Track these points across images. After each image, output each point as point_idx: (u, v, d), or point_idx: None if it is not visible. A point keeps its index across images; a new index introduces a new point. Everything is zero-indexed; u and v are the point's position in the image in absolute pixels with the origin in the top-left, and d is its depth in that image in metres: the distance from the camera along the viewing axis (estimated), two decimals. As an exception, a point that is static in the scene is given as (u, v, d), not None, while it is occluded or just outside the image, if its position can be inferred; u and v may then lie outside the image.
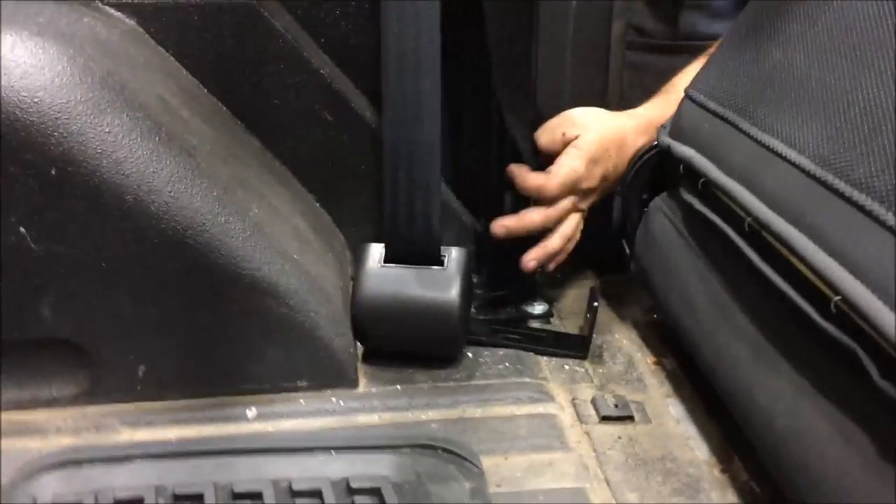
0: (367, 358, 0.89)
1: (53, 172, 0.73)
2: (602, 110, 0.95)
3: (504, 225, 0.92)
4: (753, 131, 0.72)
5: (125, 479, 0.69)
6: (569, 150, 0.91)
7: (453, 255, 0.87)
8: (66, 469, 0.70)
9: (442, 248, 0.87)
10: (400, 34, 0.84)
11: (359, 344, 0.89)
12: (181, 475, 0.69)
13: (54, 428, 0.77)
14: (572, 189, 0.91)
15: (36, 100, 0.72)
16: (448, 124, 0.95)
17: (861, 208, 0.57)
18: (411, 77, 0.84)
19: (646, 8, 1.02)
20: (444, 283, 0.85)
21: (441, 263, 0.86)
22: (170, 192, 0.75)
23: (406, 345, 0.88)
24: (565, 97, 0.96)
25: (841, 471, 0.55)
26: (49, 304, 0.76)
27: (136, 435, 0.77)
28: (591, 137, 0.91)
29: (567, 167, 0.90)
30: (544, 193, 0.90)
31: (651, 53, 1.04)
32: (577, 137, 0.91)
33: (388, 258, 0.87)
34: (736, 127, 0.75)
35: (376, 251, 0.88)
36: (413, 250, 0.87)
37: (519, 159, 0.94)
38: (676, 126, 0.85)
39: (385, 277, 0.86)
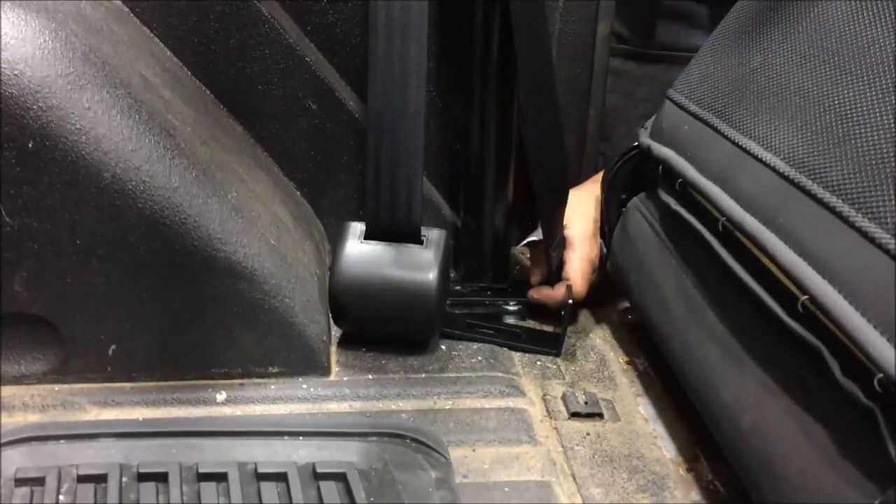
0: (341, 346, 0.88)
1: (31, 146, 0.72)
2: None
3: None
4: (731, 133, 0.73)
5: (89, 456, 0.68)
6: (567, 259, 0.94)
7: (433, 236, 0.87)
8: (30, 445, 0.69)
9: (422, 229, 0.87)
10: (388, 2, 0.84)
11: (333, 332, 0.89)
12: (146, 454, 0.69)
13: (21, 404, 0.77)
14: (593, 269, 0.96)
15: (16, 72, 0.71)
16: (433, 118, 0.95)
17: (832, 210, 0.57)
18: (398, 44, 0.84)
19: (622, 15, 1.02)
20: (422, 261, 0.86)
21: (420, 242, 0.86)
22: (148, 170, 0.75)
23: (382, 323, 0.88)
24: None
25: (802, 468, 0.56)
26: (22, 280, 0.76)
27: (104, 414, 0.77)
28: (573, 233, 0.95)
29: (577, 265, 0.94)
30: (579, 298, 0.94)
31: (630, 60, 1.05)
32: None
33: (369, 234, 0.87)
34: (714, 129, 0.75)
35: (357, 228, 0.88)
36: (393, 226, 0.87)
37: (505, 152, 0.94)
38: (657, 127, 0.86)
39: (364, 253, 0.86)
